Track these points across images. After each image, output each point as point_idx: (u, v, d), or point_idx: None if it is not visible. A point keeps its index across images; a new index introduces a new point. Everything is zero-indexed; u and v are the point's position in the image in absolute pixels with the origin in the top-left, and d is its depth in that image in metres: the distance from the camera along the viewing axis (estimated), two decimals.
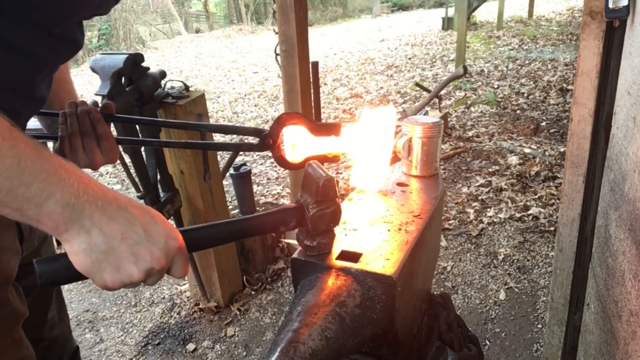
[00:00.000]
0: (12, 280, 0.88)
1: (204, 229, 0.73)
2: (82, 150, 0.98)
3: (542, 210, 3.09)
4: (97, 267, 0.58)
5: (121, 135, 1.69)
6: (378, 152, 0.99)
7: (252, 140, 1.02)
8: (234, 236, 0.76)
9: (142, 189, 1.85)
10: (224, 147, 1.10)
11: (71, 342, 1.27)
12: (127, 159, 1.80)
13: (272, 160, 4.81)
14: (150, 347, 2.25)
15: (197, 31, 19.02)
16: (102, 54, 1.52)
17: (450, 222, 3.08)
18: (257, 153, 4.70)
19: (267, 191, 3.87)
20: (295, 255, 0.83)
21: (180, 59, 12.24)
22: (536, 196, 3.27)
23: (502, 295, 2.38)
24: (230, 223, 0.74)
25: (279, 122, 0.97)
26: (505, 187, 3.43)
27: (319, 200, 0.75)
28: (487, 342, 2.10)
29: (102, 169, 4.69)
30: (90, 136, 0.98)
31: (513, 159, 3.86)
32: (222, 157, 4.59)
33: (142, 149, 1.80)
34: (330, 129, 0.95)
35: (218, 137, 5.33)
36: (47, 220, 0.56)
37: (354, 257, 0.81)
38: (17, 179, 0.53)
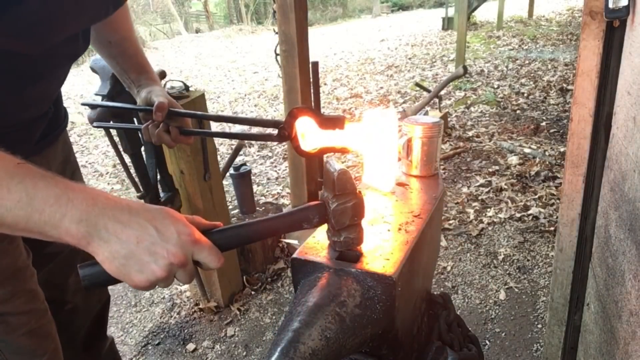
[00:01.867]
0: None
1: (230, 229, 0.75)
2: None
3: (542, 210, 3.08)
4: (124, 271, 0.65)
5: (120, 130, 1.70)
6: (386, 153, 1.00)
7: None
8: (259, 236, 0.78)
9: (142, 189, 1.85)
10: (247, 137, 1.24)
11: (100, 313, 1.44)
12: (127, 159, 1.80)
13: (272, 160, 4.81)
14: (150, 347, 2.25)
15: (197, 31, 19.01)
16: None
17: (450, 222, 3.08)
18: (257, 153, 4.71)
19: (267, 191, 3.87)
20: (295, 255, 0.83)
21: (180, 59, 12.24)
22: (536, 196, 3.27)
23: (502, 295, 2.38)
24: (255, 223, 0.77)
25: (292, 115, 1.02)
26: (505, 187, 3.43)
27: (337, 194, 0.75)
28: (487, 342, 2.10)
29: (102, 169, 4.70)
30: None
31: (513, 159, 3.86)
32: (222, 157, 4.59)
33: (142, 148, 1.80)
34: (335, 123, 0.99)
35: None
36: (68, 237, 0.63)
37: (354, 257, 0.81)
38: (29, 207, 0.61)
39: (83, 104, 1.44)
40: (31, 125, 1.00)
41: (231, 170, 2.67)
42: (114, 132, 1.75)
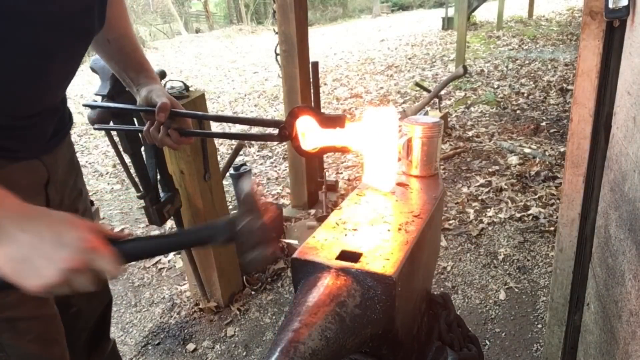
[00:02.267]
0: None
1: (135, 241, 0.76)
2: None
3: (542, 210, 3.08)
4: (20, 275, 0.65)
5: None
6: (386, 153, 1.00)
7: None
8: (161, 251, 0.81)
9: (142, 189, 1.85)
10: (247, 137, 1.24)
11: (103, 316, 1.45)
12: (127, 159, 1.80)
13: (272, 160, 4.80)
14: (150, 347, 2.25)
15: (197, 31, 19.02)
16: None
17: (450, 222, 3.08)
18: (257, 153, 4.71)
19: (267, 191, 3.87)
20: (295, 255, 0.83)
21: (180, 59, 12.24)
22: (536, 196, 3.27)
23: (502, 295, 2.38)
24: (159, 238, 0.79)
25: (292, 115, 1.02)
26: (505, 187, 3.43)
27: (246, 213, 0.75)
28: (487, 342, 2.10)
29: (102, 169, 4.70)
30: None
31: (513, 159, 3.86)
32: (222, 157, 4.59)
33: (142, 148, 1.81)
34: (336, 122, 0.99)
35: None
36: None
37: (354, 257, 0.81)
38: None
39: (84, 105, 1.44)
40: (44, 121, 1.01)
41: (231, 170, 2.67)
42: (114, 132, 1.75)
